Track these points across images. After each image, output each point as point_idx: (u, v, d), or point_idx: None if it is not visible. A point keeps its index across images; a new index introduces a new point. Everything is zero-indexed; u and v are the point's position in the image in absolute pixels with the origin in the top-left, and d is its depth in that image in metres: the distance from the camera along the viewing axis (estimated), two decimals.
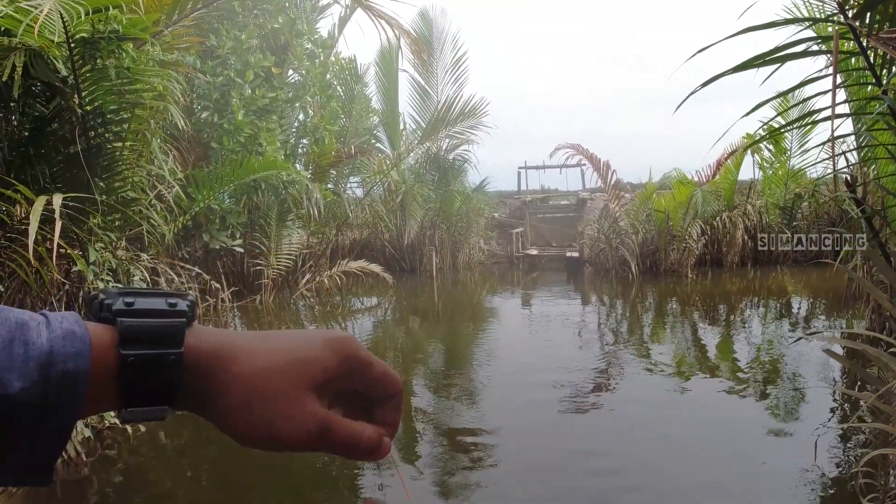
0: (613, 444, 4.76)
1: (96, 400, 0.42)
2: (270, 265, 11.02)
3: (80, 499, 4.17)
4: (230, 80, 10.12)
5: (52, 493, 4.19)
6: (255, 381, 0.45)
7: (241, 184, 9.39)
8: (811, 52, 4.44)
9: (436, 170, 15.08)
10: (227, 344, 0.46)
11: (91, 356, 0.40)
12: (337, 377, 0.48)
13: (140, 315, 0.44)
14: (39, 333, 0.39)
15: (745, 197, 14.90)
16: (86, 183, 5.73)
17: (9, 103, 5.71)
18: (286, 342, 0.48)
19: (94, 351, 0.41)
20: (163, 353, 0.43)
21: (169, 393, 0.44)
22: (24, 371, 0.38)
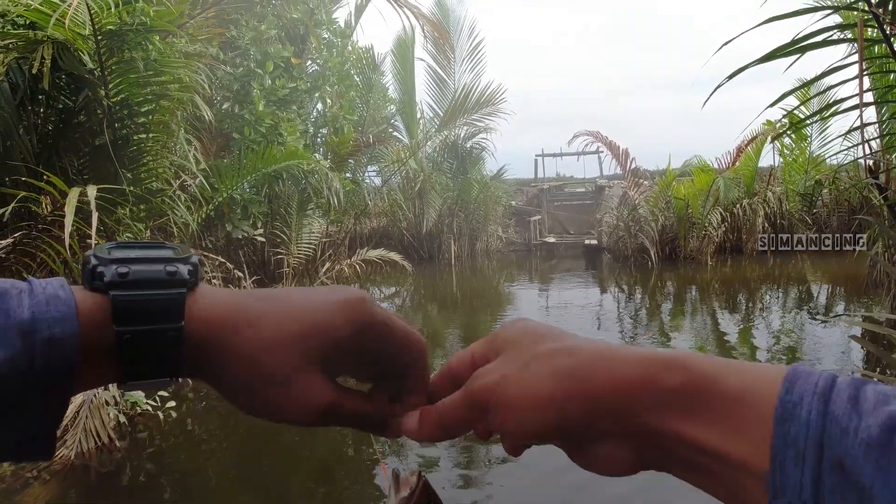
0: None
1: (92, 371, 0.39)
2: (291, 254, 11.13)
3: (114, 483, 4.30)
4: (250, 71, 10.19)
5: (87, 477, 4.32)
6: (259, 360, 0.42)
7: (263, 174, 9.48)
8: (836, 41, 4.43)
9: (453, 158, 15.12)
10: (230, 312, 0.42)
11: (81, 327, 0.37)
12: (351, 348, 0.44)
13: (135, 287, 0.40)
14: (20, 301, 0.36)
15: (765, 184, 14.80)
16: (113, 174, 5.84)
17: (37, 96, 5.82)
18: (296, 306, 0.44)
19: (84, 321, 0.37)
20: (161, 329, 0.40)
21: (170, 366, 0.41)
22: (4, 340, 0.35)
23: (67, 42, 5.18)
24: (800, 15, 4.52)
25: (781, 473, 0.31)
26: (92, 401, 4.68)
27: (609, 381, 0.37)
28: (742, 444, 0.33)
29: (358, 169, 13.92)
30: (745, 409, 0.34)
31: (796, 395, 0.32)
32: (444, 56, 15.53)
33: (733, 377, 0.35)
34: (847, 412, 0.30)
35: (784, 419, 0.32)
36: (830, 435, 0.30)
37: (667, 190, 13.24)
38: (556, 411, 0.38)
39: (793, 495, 0.31)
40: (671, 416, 0.36)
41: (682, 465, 0.37)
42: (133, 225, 5.76)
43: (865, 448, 0.29)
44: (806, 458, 0.30)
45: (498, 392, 0.40)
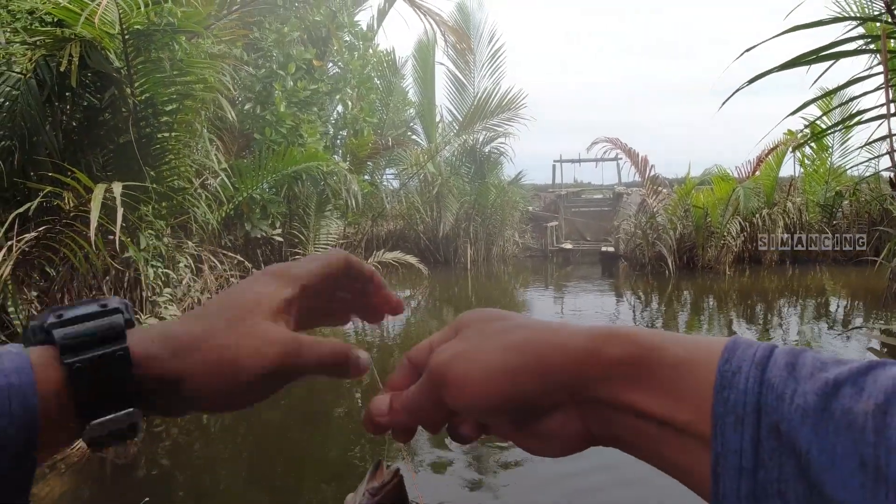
0: None
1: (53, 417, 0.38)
2: (308, 254, 11.19)
3: (129, 476, 4.35)
4: (272, 73, 10.29)
5: (102, 470, 4.38)
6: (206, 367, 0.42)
7: (283, 174, 9.56)
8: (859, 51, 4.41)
9: (471, 162, 15.15)
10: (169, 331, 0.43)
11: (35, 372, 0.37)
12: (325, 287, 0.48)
13: (73, 322, 0.40)
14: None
15: (785, 194, 14.69)
16: (136, 171, 5.93)
17: (63, 93, 5.92)
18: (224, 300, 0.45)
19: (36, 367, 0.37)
20: (107, 352, 0.39)
21: (127, 394, 0.40)
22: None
23: (95, 40, 5.27)
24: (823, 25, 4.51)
25: (722, 439, 0.32)
26: None
27: (557, 354, 0.38)
28: (685, 409, 0.34)
29: (376, 171, 13.99)
30: (686, 377, 0.35)
31: (735, 363, 0.33)
32: (464, 61, 15.59)
33: (675, 347, 0.36)
34: (783, 379, 0.32)
35: (723, 387, 0.33)
36: (767, 401, 0.31)
37: (686, 198, 13.18)
38: (508, 383, 0.39)
39: (734, 460, 0.32)
40: (617, 386, 0.37)
41: (629, 435, 0.38)
42: (155, 222, 5.83)
43: (801, 413, 0.30)
44: (745, 423, 0.31)
45: (452, 366, 0.40)
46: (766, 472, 0.31)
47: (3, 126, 5.14)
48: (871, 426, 0.28)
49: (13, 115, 5.16)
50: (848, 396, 0.29)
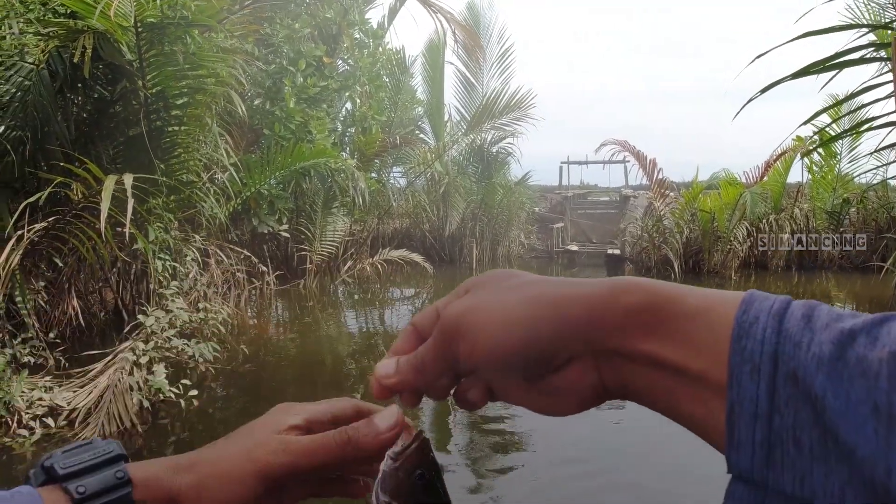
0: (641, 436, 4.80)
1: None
2: (314, 251, 11.22)
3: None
4: (283, 69, 10.32)
5: None
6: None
7: (291, 170, 9.58)
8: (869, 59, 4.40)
9: (479, 162, 15.15)
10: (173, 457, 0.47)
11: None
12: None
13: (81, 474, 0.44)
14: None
15: (792, 200, 14.66)
16: (146, 164, 5.95)
17: (75, 84, 5.95)
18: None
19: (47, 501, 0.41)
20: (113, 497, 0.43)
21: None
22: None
23: (108, 33, 5.29)
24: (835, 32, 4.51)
25: (738, 387, 0.32)
26: (116, 385, 4.77)
27: (575, 303, 0.38)
28: (701, 358, 0.35)
29: (383, 169, 14.00)
30: (703, 327, 0.35)
31: (752, 314, 0.34)
32: (474, 60, 15.58)
33: (693, 297, 0.36)
34: (800, 329, 0.32)
35: (740, 336, 0.33)
36: (784, 350, 0.32)
37: (693, 202, 13.16)
38: (527, 331, 0.38)
39: (749, 407, 0.32)
40: (634, 335, 0.37)
41: (643, 386, 0.38)
42: (164, 215, 5.86)
43: (817, 361, 0.30)
44: (761, 371, 0.32)
45: (467, 318, 0.40)
46: (781, 418, 0.31)
47: (15, 116, 5.17)
48: (885, 373, 0.28)
49: (25, 106, 5.18)
50: (862, 345, 0.30)
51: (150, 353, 5.11)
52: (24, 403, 4.62)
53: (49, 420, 4.60)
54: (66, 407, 4.71)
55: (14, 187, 5.58)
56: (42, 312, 5.76)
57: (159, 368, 5.03)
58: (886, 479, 0.27)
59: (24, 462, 4.26)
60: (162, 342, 5.35)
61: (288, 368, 6.95)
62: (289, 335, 8.39)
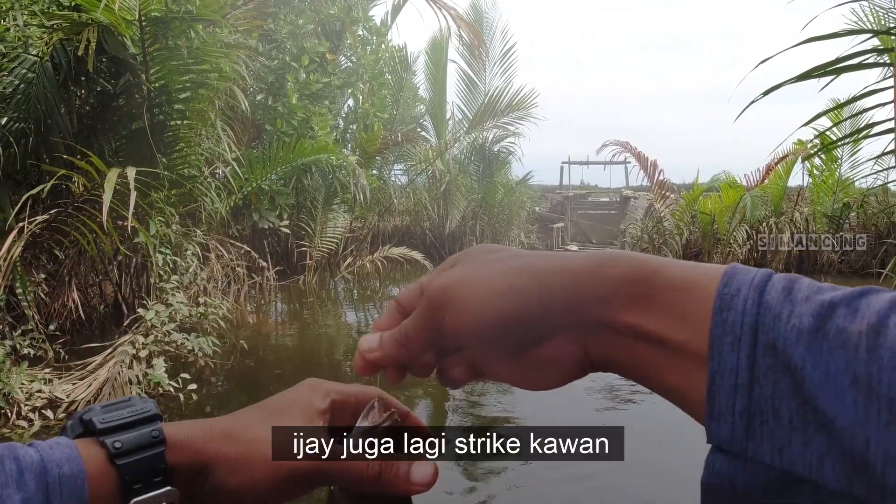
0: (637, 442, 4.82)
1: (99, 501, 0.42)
2: (315, 247, 11.23)
3: None
4: (285, 64, 10.33)
5: None
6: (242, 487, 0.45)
7: (293, 166, 9.59)
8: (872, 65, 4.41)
9: (480, 160, 15.16)
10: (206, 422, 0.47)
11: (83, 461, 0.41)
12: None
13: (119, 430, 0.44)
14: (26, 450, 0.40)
15: (792, 204, 14.66)
16: (148, 158, 5.95)
17: (79, 77, 5.96)
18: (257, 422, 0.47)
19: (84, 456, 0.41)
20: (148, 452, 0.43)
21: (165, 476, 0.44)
22: (20, 483, 0.38)
23: (112, 26, 5.30)
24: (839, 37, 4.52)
25: (719, 358, 0.33)
26: (116, 378, 4.78)
27: (560, 274, 0.38)
28: (683, 329, 0.35)
29: (385, 166, 14.01)
30: (685, 298, 0.35)
31: (734, 287, 0.34)
32: (477, 58, 15.57)
33: (676, 270, 0.37)
34: (780, 301, 0.32)
35: (722, 308, 0.33)
36: (764, 321, 0.32)
37: (693, 204, 13.17)
38: (511, 302, 0.38)
39: (729, 378, 0.32)
40: (618, 306, 0.37)
41: (626, 358, 0.38)
42: (165, 208, 5.86)
43: (797, 332, 0.31)
44: (741, 342, 0.32)
45: (453, 289, 0.40)
46: (760, 388, 0.31)
47: (18, 108, 5.17)
48: (864, 345, 0.29)
49: (28, 98, 5.19)
50: (842, 317, 0.30)
51: (149, 347, 5.12)
52: (24, 395, 4.63)
53: (48, 412, 4.61)
54: (65, 399, 4.72)
55: (16, 179, 5.58)
56: (42, 304, 5.77)
57: (159, 362, 5.04)
58: (865, 449, 0.28)
59: None
60: (162, 336, 5.36)
61: (287, 363, 6.96)
62: (288, 331, 8.41)
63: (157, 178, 5.72)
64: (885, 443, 0.28)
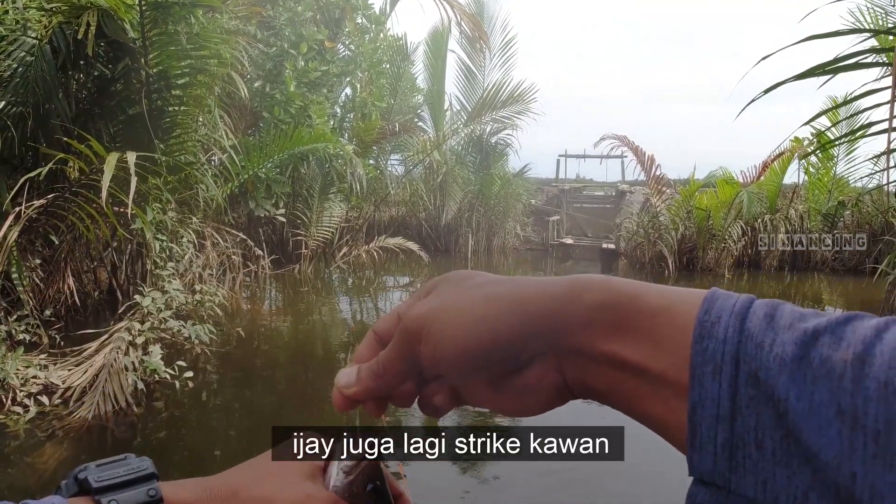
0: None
1: None
2: (310, 236, 11.21)
3: (127, 448, 4.38)
4: (284, 52, 10.27)
5: (102, 439, 4.41)
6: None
7: (290, 154, 9.56)
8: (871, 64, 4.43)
9: (477, 152, 15.14)
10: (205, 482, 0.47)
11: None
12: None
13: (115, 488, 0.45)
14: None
15: (788, 201, 14.71)
16: (146, 143, 5.93)
17: (78, 61, 5.91)
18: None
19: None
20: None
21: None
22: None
23: (112, 10, 5.26)
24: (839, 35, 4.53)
25: (700, 388, 0.32)
26: (112, 365, 4.77)
27: (537, 301, 0.37)
28: (662, 357, 0.34)
29: (381, 156, 13.98)
30: (664, 325, 0.34)
31: (714, 314, 0.33)
32: (477, 50, 15.52)
33: (653, 296, 0.36)
34: (762, 329, 0.31)
35: (702, 336, 0.32)
36: (746, 350, 0.31)
37: (689, 200, 13.20)
38: (489, 330, 0.37)
39: (711, 408, 0.31)
40: (596, 333, 0.36)
41: (605, 386, 0.37)
42: (163, 195, 5.84)
43: (780, 362, 0.30)
44: (723, 372, 0.31)
45: (430, 318, 0.39)
46: (743, 419, 0.30)
47: (16, 92, 5.14)
48: (849, 375, 0.28)
49: (26, 82, 5.15)
50: (826, 345, 0.29)
51: (146, 334, 5.11)
52: (19, 381, 4.62)
53: (44, 398, 4.61)
54: (61, 385, 4.71)
55: (13, 164, 5.55)
56: (36, 290, 5.75)
57: (155, 349, 5.03)
58: (850, 483, 0.27)
59: (18, 439, 4.27)
60: (158, 323, 5.35)
61: (281, 352, 6.97)
62: (283, 319, 8.40)
63: (154, 163, 5.69)
64: (871, 476, 0.27)
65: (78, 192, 5.30)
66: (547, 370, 0.38)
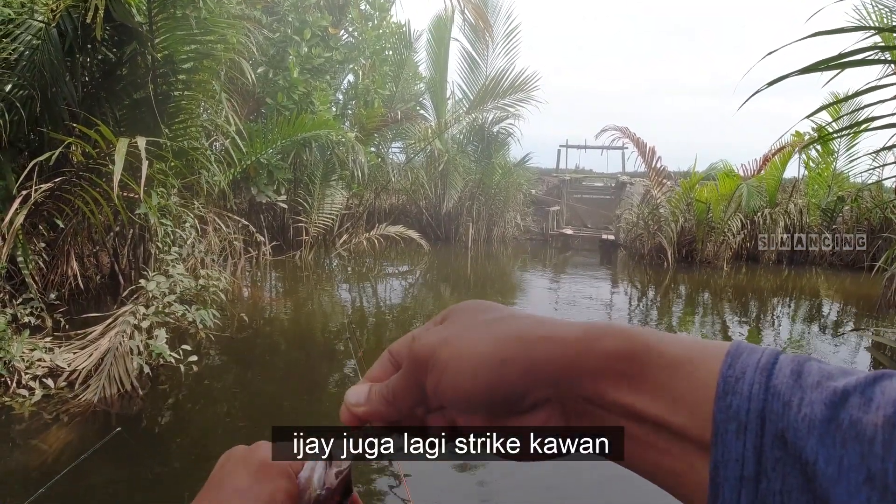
0: None
1: None
2: (311, 223, 11.23)
3: (133, 428, 4.42)
4: (287, 37, 10.25)
5: (107, 422, 4.45)
6: None
7: (292, 140, 9.56)
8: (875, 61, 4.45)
9: (479, 141, 15.14)
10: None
11: None
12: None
13: None
14: None
15: (787, 195, 14.76)
16: (151, 128, 5.93)
17: (85, 45, 5.91)
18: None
19: None
20: None
21: None
22: None
23: None
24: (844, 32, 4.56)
25: (723, 447, 0.31)
26: (118, 348, 4.81)
27: (549, 345, 0.36)
28: (682, 412, 0.33)
29: (383, 144, 13.97)
30: (685, 378, 0.33)
31: (738, 369, 0.32)
32: (480, 39, 15.47)
33: (674, 347, 0.34)
34: (790, 387, 0.30)
35: (726, 392, 0.31)
36: (772, 408, 0.30)
37: (689, 192, 13.23)
38: (493, 372, 0.36)
39: (735, 469, 0.30)
40: (609, 383, 0.35)
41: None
42: (168, 179, 5.87)
43: (808, 423, 0.29)
44: (748, 431, 0.30)
45: (437, 349, 0.38)
46: (768, 482, 0.29)
47: (23, 75, 5.14)
48: (880, 438, 0.27)
49: (33, 65, 5.15)
50: (856, 407, 0.28)
51: (151, 318, 5.15)
52: (25, 364, 4.66)
53: (49, 381, 4.65)
54: (66, 368, 4.75)
55: (19, 147, 5.56)
56: (40, 274, 5.77)
57: (161, 333, 5.07)
58: None
59: (22, 422, 4.31)
60: (162, 307, 5.39)
61: (281, 337, 7.02)
62: (284, 305, 8.45)
63: (160, 148, 5.71)
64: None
65: (84, 175, 5.31)
66: (551, 417, 0.37)
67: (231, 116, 7.38)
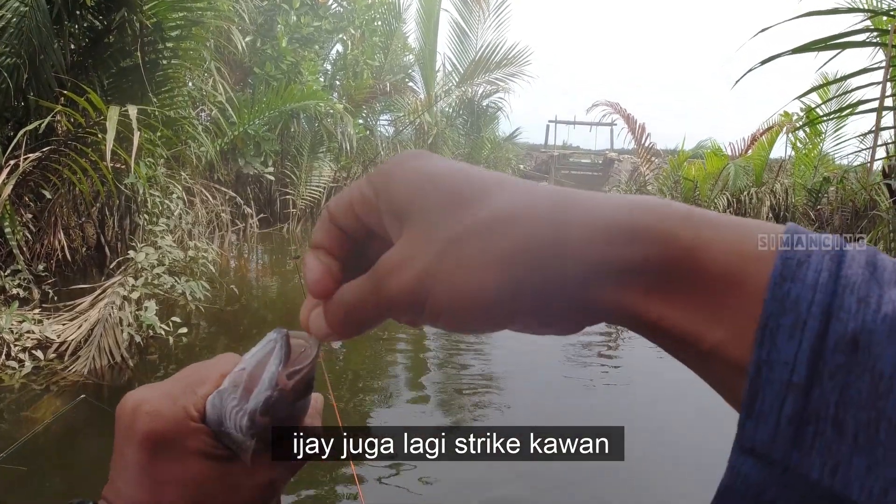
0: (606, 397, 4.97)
1: None
2: (299, 195, 11.17)
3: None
4: (276, 6, 10.10)
5: (98, 393, 4.45)
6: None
7: (280, 111, 9.47)
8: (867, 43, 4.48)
9: (468, 115, 15.07)
10: None
11: None
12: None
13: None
14: None
15: (774, 175, 14.85)
16: (139, 97, 5.85)
17: (73, 11, 5.79)
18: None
19: None
20: None
21: None
22: None
23: None
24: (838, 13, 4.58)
25: (772, 345, 0.25)
26: (107, 319, 4.79)
27: (563, 264, 0.29)
28: (720, 327, 0.27)
29: (371, 116, 13.87)
30: (729, 288, 0.27)
31: (801, 252, 0.26)
32: (471, 9, 15.32)
33: (717, 250, 0.27)
34: (865, 280, 0.24)
35: (784, 278, 0.25)
36: (844, 303, 0.24)
37: (677, 170, 13.29)
38: (505, 307, 0.30)
39: (782, 372, 0.24)
40: (633, 296, 0.29)
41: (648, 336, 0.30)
42: (155, 150, 5.80)
43: (890, 325, 0.23)
44: (807, 327, 0.24)
45: (424, 294, 0.31)
46: (822, 392, 0.24)
47: (10, 43, 5.04)
48: None
49: (21, 32, 5.05)
50: None
51: (140, 290, 5.12)
52: (14, 336, 4.62)
53: (38, 353, 4.62)
54: (56, 340, 4.73)
55: (5, 116, 5.47)
56: (27, 245, 5.71)
57: (151, 305, 5.05)
58: None
59: (12, 393, 4.29)
60: (151, 279, 5.36)
61: (269, 310, 7.02)
62: (271, 278, 8.43)
63: (148, 117, 5.64)
64: None
65: (71, 144, 5.23)
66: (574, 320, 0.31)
67: (221, 83, 7.29)
